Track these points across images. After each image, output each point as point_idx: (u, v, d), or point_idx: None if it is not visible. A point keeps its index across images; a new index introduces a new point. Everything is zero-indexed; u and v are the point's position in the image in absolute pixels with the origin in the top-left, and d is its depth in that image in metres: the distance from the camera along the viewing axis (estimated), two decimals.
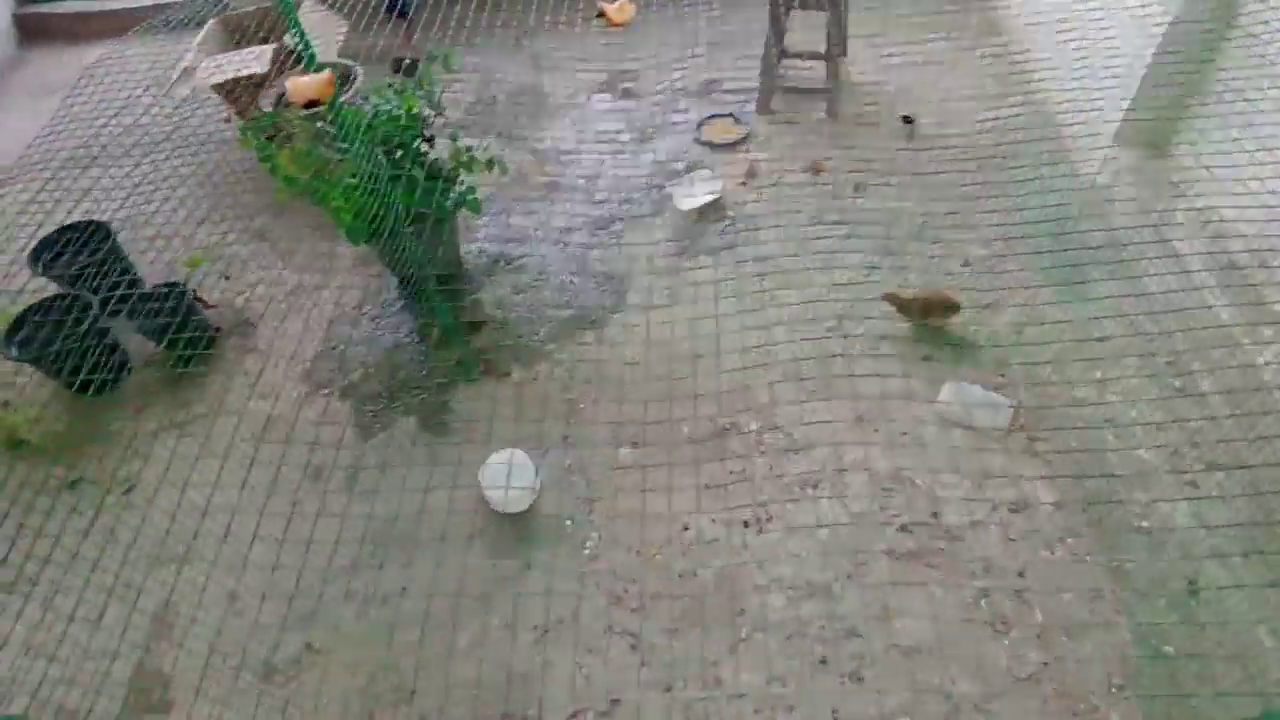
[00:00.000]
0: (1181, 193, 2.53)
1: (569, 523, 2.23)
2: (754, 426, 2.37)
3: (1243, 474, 2.07)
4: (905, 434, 2.30)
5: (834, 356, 2.50)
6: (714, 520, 2.19)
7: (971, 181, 2.85)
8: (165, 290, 2.62)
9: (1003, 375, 2.40)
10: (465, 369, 2.57)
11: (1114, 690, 1.79)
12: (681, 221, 2.99)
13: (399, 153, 2.48)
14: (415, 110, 2.42)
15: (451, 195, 2.55)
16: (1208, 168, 2.38)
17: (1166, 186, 2.60)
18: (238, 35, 3.53)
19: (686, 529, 2.18)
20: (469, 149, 2.49)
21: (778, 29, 3.07)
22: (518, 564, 2.15)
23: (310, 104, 1.73)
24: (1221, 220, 2.37)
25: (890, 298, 2.51)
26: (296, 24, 2.49)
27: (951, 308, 2.49)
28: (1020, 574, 2.00)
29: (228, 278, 2.93)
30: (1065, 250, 2.48)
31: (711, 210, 2.98)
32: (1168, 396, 2.24)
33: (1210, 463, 2.12)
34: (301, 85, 1.68)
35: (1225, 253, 2.37)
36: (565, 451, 2.37)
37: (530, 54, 3.27)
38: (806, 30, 3.28)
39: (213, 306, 2.82)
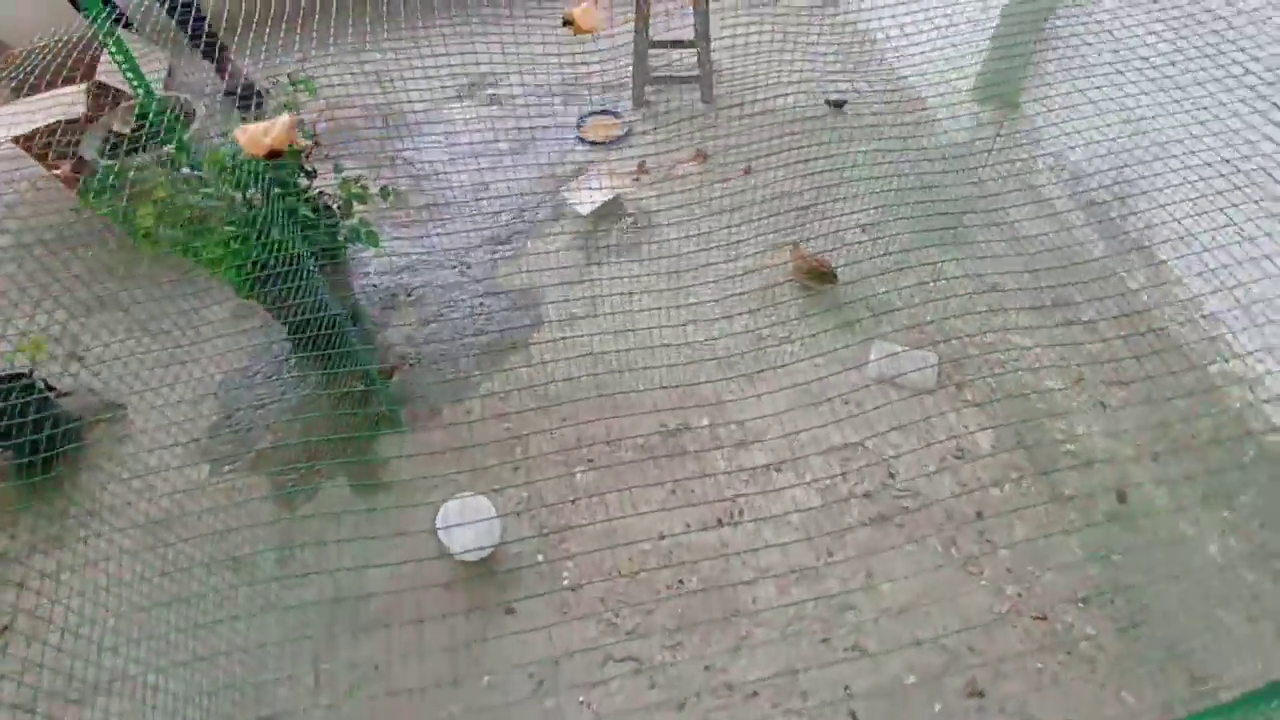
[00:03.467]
0: (1038, 141, 2.77)
1: (540, 557, 2.12)
2: (705, 423, 2.36)
3: (1138, 386, 2.32)
4: (847, 403, 2.38)
5: (763, 339, 2.53)
6: (688, 524, 2.16)
7: (850, 153, 2.97)
8: (5, 384, 2.22)
9: (921, 332, 2.54)
10: (389, 417, 2.37)
11: (1080, 604, 1.95)
12: (582, 226, 2.91)
13: (276, 190, 2.23)
14: (290, 144, 2.18)
15: (342, 230, 2.34)
16: (1058, 122, 2.62)
17: (1025, 137, 2.84)
18: (24, 78, 3.03)
19: (662, 538, 2.14)
20: (359, 178, 2.29)
21: (641, 17, 3.04)
22: (497, 612, 2.03)
23: (272, 154, 1.49)
24: (1075, 164, 2.62)
25: (796, 257, 2.63)
26: (129, 56, 2.18)
27: (825, 276, 2.62)
28: (978, 515, 2.13)
29: (80, 358, 2.52)
30: (950, 213, 2.66)
31: (610, 211, 2.92)
32: (1061, 330, 2.46)
33: (1111, 382, 2.35)
34: (257, 136, 1.43)
35: (1085, 191, 2.63)
36: (519, 486, 2.26)
37: (373, 68, 3.04)
38: (666, 18, 3.28)
39: (66, 394, 2.42)
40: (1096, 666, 1.85)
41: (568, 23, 1.54)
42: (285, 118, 1.43)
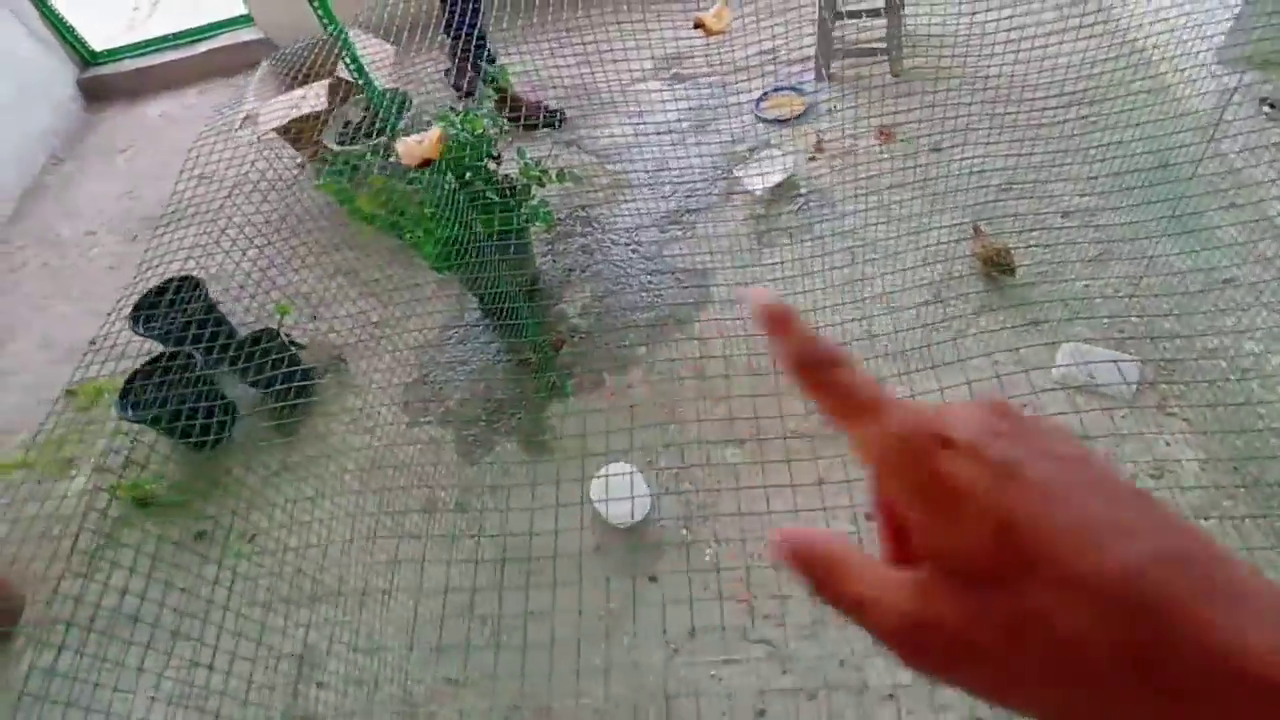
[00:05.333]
0: None
1: (685, 531, 2.20)
2: None
3: None
4: (1025, 404, 2.19)
5: (936, 330, 2.39)
6: (836, 516, 2.13)
7: (1063, 127, 2.68)
8: (260, 338, 2.68)
9: (1121, 331, 2.26)
10: (559, 384, 2.55)
11: None
12: (754, 206, 2.90)
13: (468, 174, 2.46)
14: (480, 131, 2.39)
15: (523, 211, 2.53)
16: None
17: None
18: (290, 74, 3.57)
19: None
20: (538, 162, 2.46)
21: None
22: (641, 577, 2.14)
23: (424, 163, 1.70)
24: None
25: (978, 242, 2.45)
26: (355, 57, 2.49)
27: (1003, 266, 2.39)
28: None
29: (316, 317, 2.98)
30: (1181, 197, 2.31)
31: (784, 190, 2.88)
32: None
33: None
34: (413, 147, 1.64)
35: None
36: (672, 457, 2.34)
37: (578, 50, 3.17)
38: None
39: (304, 347, 2.87)
40: None
41: (699, 25, 1.54)
42: (436, 130, 1.59)
